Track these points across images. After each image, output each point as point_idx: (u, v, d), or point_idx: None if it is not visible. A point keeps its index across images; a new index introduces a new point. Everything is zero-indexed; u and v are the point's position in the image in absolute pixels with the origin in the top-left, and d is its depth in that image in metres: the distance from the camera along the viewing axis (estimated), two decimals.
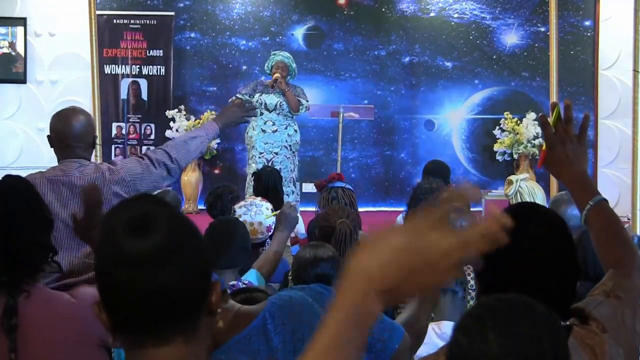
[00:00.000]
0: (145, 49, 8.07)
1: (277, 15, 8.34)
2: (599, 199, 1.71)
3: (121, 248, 0.99)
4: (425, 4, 8.31)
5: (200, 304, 1.06)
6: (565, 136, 1.73)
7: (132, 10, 8.15)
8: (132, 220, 1.01)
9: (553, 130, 1.74)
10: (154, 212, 1.02)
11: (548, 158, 1.75)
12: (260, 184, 4.75)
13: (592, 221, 1.71)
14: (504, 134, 7.84)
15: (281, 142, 6.41)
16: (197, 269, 1.05)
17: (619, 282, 1.60)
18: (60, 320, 1.84)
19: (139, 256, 0.99)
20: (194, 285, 1.04)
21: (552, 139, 1.74)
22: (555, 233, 1.52)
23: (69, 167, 2.87)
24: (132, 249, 0.99)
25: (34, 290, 1.84)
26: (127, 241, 0.99)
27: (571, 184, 1.76)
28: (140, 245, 0.99)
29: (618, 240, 1.70)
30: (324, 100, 8.10)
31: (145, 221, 1.01)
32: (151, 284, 1.00)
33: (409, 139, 8.43)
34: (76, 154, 2.89)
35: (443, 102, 8.35)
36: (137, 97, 8.09)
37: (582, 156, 1.74)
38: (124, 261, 1.00)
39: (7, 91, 7.89)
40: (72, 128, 2.86)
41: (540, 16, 8.10)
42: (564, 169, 1.75)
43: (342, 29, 8.37)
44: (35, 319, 1.81)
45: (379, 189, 8.31)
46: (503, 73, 8.31)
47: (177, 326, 1.02)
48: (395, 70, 8.36)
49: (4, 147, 7.84)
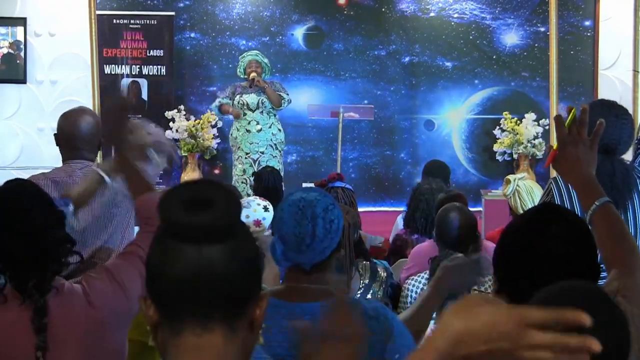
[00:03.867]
0: (145, 49, 8.07)
1: (277, 15, 8.34)
2: (604, 201, 1.73)
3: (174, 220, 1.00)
4: (425, 4, 8.30)
5: (246, 300, 1.05)
6: (578, 138, 1.76)
7: (132, 10, 8.15)
8: (190, 197, 1.02)
9: (567, 131, 1.76)
10: (211, 190, 1.04)
11: (558, 157, 1.78)
12: (260, 184, 4.76)
13: (597, 222, 1.72)
14: (503, 134, 7.84)
15: (266, 141, 6.46)
16: (250, 254, 1.05)
17: (624, 282, 1.62)
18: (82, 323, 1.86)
19: (195, 230, 1.00)
20: (244, 272, 1.04)
21: (564, 140, 1.77)
22: (577, 234, 1.53)
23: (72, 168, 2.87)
24: (189, 220, 0.99)
25: (62, 287, 1.85)
26: (181, 215, 1.00)
27: (578, 185, 1.80)
28: (197, 219, 1.00)
29: (622, 241, 1.72)
30: (324, 100, 8.10)
31: (202, 198, 1.01)
32: (204, 260, 1.00)
33: (409, 139, 8.42)
34: (81, 155, 2.90)
35: (443, 102, 8.34)
36: (137, 97, 8.09)
37: (591, 160, 1.78)
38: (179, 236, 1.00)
39: (7, 91, 7.88)
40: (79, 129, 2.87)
41: (540, 16, 8.09)
42: (572, 170, 1.77)
43: (342, 29, 8.36)
44: (63, 317, 1.82)
45: (379, 189, 8.31)
46: (503, 73, 8.31)
47: (219, 313, 1.02)
48: (395, 70, 8.36)
49: (4, 147, 7.83)
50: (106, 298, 1.89)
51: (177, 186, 1.06)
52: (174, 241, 1.01)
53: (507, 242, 1.58)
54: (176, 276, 1.01)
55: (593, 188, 1.76)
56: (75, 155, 2.88)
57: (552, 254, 1.48)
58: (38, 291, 1.80)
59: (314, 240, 1.85)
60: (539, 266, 1.47)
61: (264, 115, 6.43)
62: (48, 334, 1.78)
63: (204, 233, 1.00)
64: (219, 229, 1.01)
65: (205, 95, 8.32)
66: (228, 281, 1.01)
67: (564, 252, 1.48)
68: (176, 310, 1.02)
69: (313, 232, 1.86)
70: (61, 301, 1.83)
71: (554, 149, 1.79)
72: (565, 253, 1.48)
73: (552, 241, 1.49)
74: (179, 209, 1.00)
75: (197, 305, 1.01)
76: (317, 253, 1.88)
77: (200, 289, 1.01)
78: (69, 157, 2.89)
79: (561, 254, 1.48)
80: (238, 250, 1.03)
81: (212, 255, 1.00)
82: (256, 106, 6.50)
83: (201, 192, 1.03)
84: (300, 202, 1.89)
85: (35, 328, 1.78)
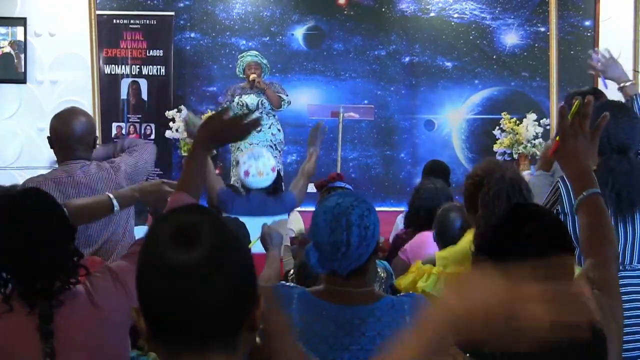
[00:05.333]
0: (145, 49, 8.06)
1: (277, 15, 8.34)
2: (593, 192, 1.75)
3: (165, 259, 0.98)
4: (425, 4, 8.30)
5: (243, 320, 1.03)
6: (579, 130, 1.77)
7: (132, 10, 8.15)
8: (178, 230, 0.99)
9: (569, 122, 1.77)
10: (200, 223, 1.00)
11: (559, 148, 1.79)
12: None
13: (581, 211, 1.76)
14: (503, 134, 7.83)
15: (266, 142, 6.46)
16: (242, 284, 1.02)
17: (600, 274, 1.64)
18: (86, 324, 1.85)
19: (183, 268, 0.97)
20: (238, 301, 1.01)
21: (566, 131, 1.78)
22: (551, 234, 1.54)
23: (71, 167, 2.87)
24: (177, 260, 0.97)
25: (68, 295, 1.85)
26: (171, 252, 0.97)
27: (574, 176, 1.82)
28: (185, 257, 0.97)
29: (602, 233, 1.75)
30: (324, 100, 8.10)
31: (191, 232, 0.98)
32: (194, 297, 0.97)
33: (409, 139, 8.42)
34: (77, 155, 2.89)
35: (443, 102, 8.34)
36: (137, 97, 8.09)
37: (590, 152, 1.79)
38: (168, 273, 0.97)
39: (7, 91, 7.88)
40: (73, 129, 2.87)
41: (540, 16, 8.09)
42: (571, 161, 1.79)
43: (342, 29, 8.36)
44: (68, 321, 1.82)
45: (379, 189, 8.31)
46: (503, 73, 8.31)
47: (216, 343, 1.00)
48: (395, 70, 8.36)
49: (4, 147, 7.83)
50: (109, 298, 1.88)
51: (164, 217, 1.04)
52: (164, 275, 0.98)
53: (481, 244, 1.59)
54: (168, 311, 0.98)
55: (587, 180, 1.77)
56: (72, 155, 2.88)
57: (526, 255, 1.47)
58: (44, 298, 1.80)
59: (349, 248, 1.84)
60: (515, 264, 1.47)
61: (263, 116, 6.43)
62: (55, 339, 1.78)
63: (194, 269, 0.97)
64: (208, 265, 0.98)
65: (205, 95, 8.33)
66: (222, 312, 1.00)
67: (537, 252, 1.48)
68: (170, 340, 1.01)
69: (348, 241, 1.85)
70: (66, 305, 1.83)
71: (557, 140, 1.80)
72: (538, 253, 1.47)
73: (525, 242, 1.49)
74: (168, 244, 0.98)
75: (193, 339, 0.99)
76: (352, 260, 1.88)
77: (193, 325, 0.99)
78: (66, 158, 2.89)
79: (534, 254, 1.47)
80: (229, 280, 1.00)
81: (203, 289, 0.98)
82: (256, 107, 6.51)
83: (189, 225, 1.00)
84: (335, 209, 1.87)
85: (41, 335, 1.77)
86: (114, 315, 1.87)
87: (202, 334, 0.99)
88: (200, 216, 1.02)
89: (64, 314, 1.82)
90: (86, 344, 1.84)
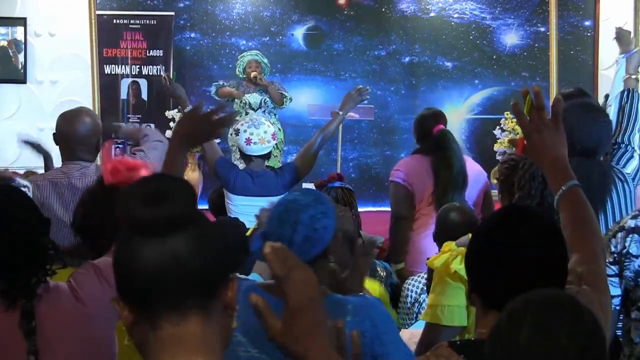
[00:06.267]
0: (145, 49, 8.06)
1: (277, 15, 8.34)
2: (572, 184, 1.71)
3: (135, 216, 1.03)
4: (425, 4, 8.30)
5: (216, 283, 1.07)
6: (540, 123, 1.74)
7: (132, 10, 8.14)
8: (148, 191, 1.04)
9: (527, 118, 1.74)
10: (169, 185, 1.06)
11: (527, 146, 1.76)
12: None
13: (563, 206, 1.71)
14: (504, 134, 7.83)
15: None
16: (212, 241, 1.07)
17: (588, 268, 1.60)
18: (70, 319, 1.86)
19: (153, 222, 1.02)
20: (210, 260, 1.06)
21: (527, 128, 1.75)
22: (547, 235, 1.50)
23: (70, 169, 2.88)
24: (147, 215, 1.02)
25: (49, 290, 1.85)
26: (141, 210, 1.02)
27: (548, 169, 1.77)
28: (155, 212, 1.02)
29: (586, 226, 1.70)
30: (324, 100, 8.09)
31: (161, 191, 1.04)
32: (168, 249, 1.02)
33: (409, 139, 8.38)
34: (77, 156, 2.90)
35: (443, 102, 8.33)
36: (137, 97, 8.09)
37: (559, 141, 1.75)
38: (139, 228, 1.03)
39: (7, 91, 7.88)
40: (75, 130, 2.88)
41: (540, 16, 8.09)
42: (542, 156, 1.75)
43: (342, 29, 8.36)
44: (51, 317, 1.82)
45: (379, 189, 8.30)
46: (503, 73, 8.31)
47: (192, 299, 1.04)
48: (395, 70, 8.36)
49: (4, 147, 7.82)
50: (94, 293, 1.88)
51: (133, 185, 1.08)
52: (138, 237, 1.03)
53: (477, 247, 1.55)
54: (145, 271, 1.03)
55: (562, 171, 1.73)
56: (72, 156, 2.89)
57: (523, 258, 1.45)
58: (24, 296, 1.79)
59: (291, 245, 1.81)
60: (510, 271, 1.44)
61: (266, 115, 6.43)
62: (38, 336, 1.78)
63: (165, 224, 1.02)
64: (179, 218, 1.03)
65: (205, 95, 8.32)
66: (196, 267, 1.04)
67: (535, 255, 1.45)
68: (151, 304, 1.04)
69: (292, 238, 1.83)
70: (47, 302, 1.83)
71: (521, 138, 1.77)
72: (536, 256, 1.45)
73: (523, 245, 1.46)
74: (138, 204, 1.03)
75: (170, 296, 1.03)
76: None
77: (169, 279, 1.03)
78: (67, 158, 2.90)
79: (532, 257, 1.45)
80: (201, 236, 1.05)
81: (177, 244, 1.03)
82: (258, 105, 6.51)
83: (157, 186, 1.05)
84: (291, 204, 1.88)
85: (24, 332, 1.77)
86: (100, 310, 1.87)
87: (179, 289, 1.03)
88: (170, 180, 1.08)
89: (46, 311, 1.82)
90: (71, 340, 1.84)
